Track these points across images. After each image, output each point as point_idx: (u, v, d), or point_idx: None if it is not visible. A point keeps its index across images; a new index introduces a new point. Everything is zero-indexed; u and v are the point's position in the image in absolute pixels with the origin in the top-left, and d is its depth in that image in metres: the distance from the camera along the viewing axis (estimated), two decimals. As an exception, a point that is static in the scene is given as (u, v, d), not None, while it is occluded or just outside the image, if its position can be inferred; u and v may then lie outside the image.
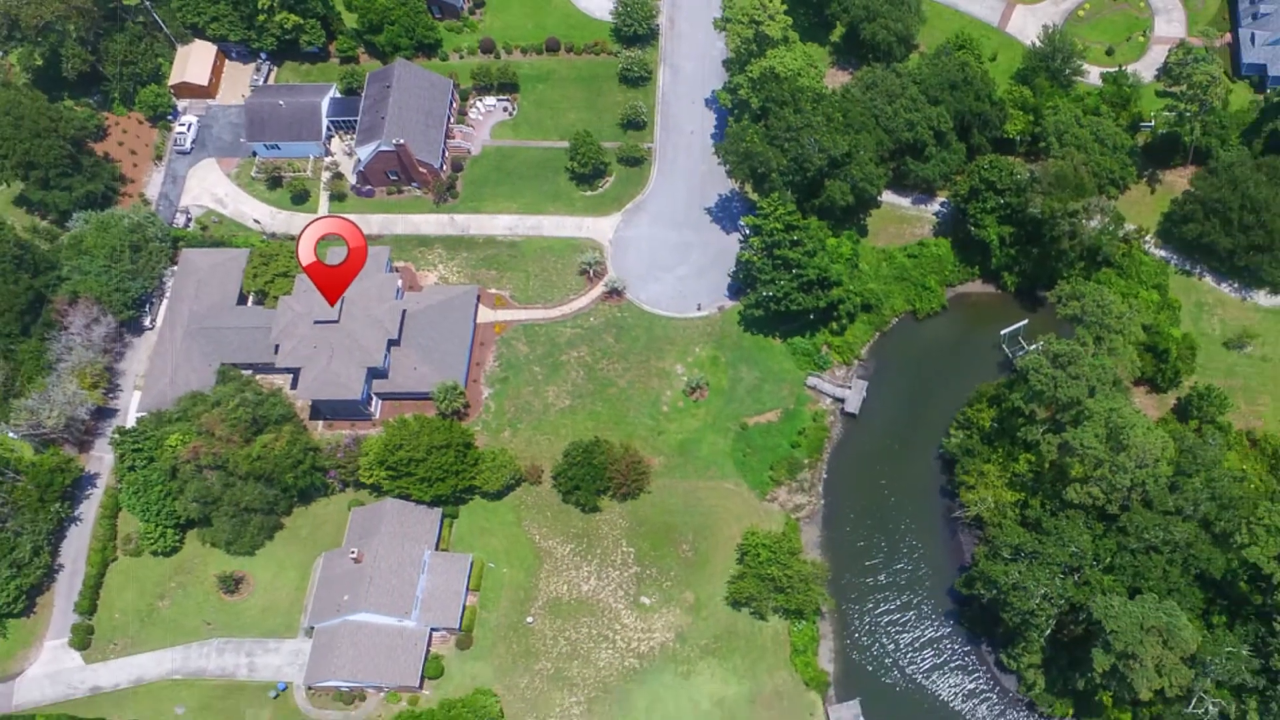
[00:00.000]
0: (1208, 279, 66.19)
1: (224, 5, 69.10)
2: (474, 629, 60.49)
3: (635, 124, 66.28)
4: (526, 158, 67.84)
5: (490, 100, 68.88)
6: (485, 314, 64.79)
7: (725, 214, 66.40)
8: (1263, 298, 65.49)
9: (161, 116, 73.08)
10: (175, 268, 68.53)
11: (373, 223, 67.48)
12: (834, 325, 63.72)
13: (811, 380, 64.52)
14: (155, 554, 62.86)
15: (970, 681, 61.37)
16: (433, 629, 59.91)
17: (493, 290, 65.65)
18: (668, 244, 66.03)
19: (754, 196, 62.35)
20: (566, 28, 69.52)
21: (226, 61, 75.59)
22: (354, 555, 59.17)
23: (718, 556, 61.13)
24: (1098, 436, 50.84)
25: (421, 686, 59.02)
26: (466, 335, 64.01)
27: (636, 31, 66.95)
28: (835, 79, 67.26)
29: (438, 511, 62.03)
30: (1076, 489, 52.78)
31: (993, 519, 57.64)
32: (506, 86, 68.05)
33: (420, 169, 65.93)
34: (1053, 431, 54.52)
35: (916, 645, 62.50)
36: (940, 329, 68.14)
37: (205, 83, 73.53)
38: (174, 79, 73.48)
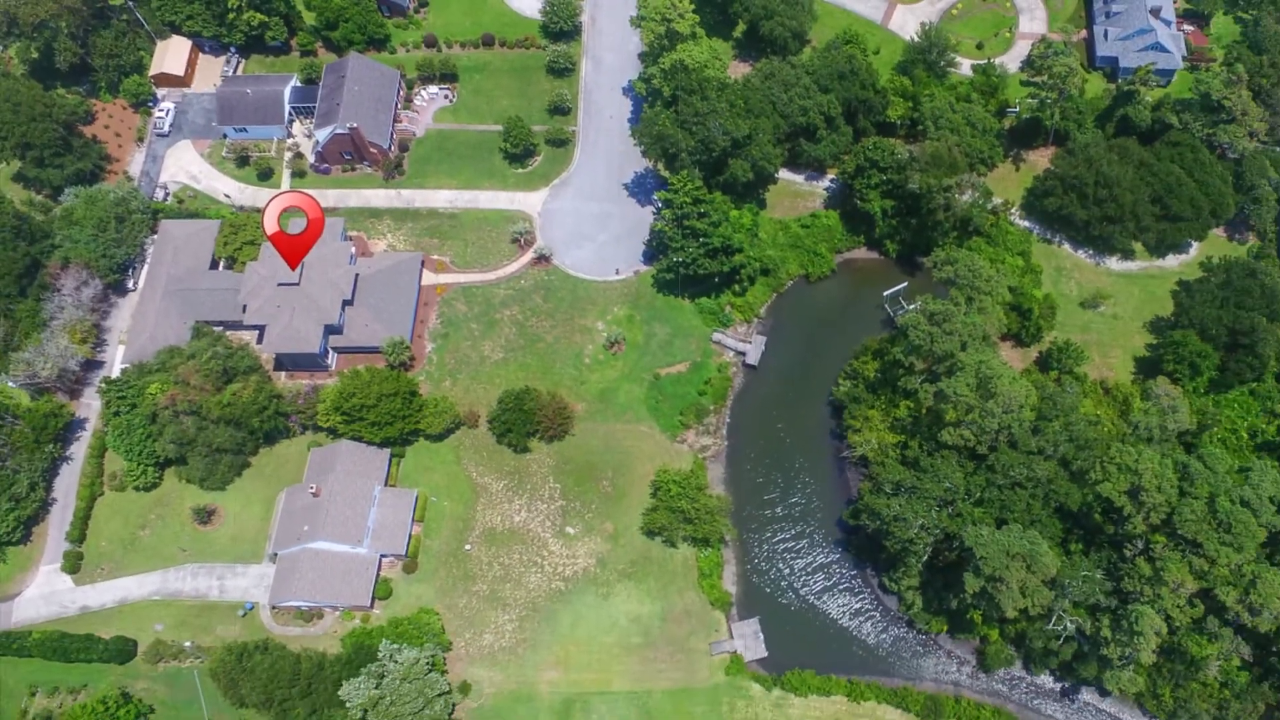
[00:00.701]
0: (1066, 246, 75.43)
1: (198, 4, 77.58)
2: (418, 555, 68.87)
3: (561, 110, 75.08)
4: (465, 139, 76.61)
5: (433, 89, 77.59)
6: (428, 277, 73.39)
7: (641, 189, 75.28)
8: (1114, 263, 74.63)
9: (143, 103, 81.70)
10: (155, 236, 77.28)
11: (329, 197, 76.48)
12: (736, 287, 72.53)
13: (716, 336, 73.11)
14: (137, 489, 71.31)
15: (856, 602, 70.15)
16: (382, 555, 68.34)
17: (435, 256, 74.18)
18: (590, 215, 74.78)
19: (666, 174, 71.09)
20: (500, 24, 78.43)
21: (200, 54, 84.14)
22: (313, 490, 67.46)
23: (634, 491, 69.81)
24: (969, 385, 59.39)
25: (372, 606, 67.59)
26: (412, 296, 72.46)
27: (562, 28, 75.88)
28: (737, 70, 76.29)
29: (386, 452, 70.40)
30: (950, 432, 61.39)
31: (876, 458, 66.25)
32: (447, 76, 76.80)
33: (371, 149, 74.40)
34: (929, 381, 63.19)
35: (809, 570, 70.88)
36: (830, 291, 77.08)
37: (181, 73, 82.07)
38: (154, 70, 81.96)
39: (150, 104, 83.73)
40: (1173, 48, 79.24)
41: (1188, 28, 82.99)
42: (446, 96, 78.77)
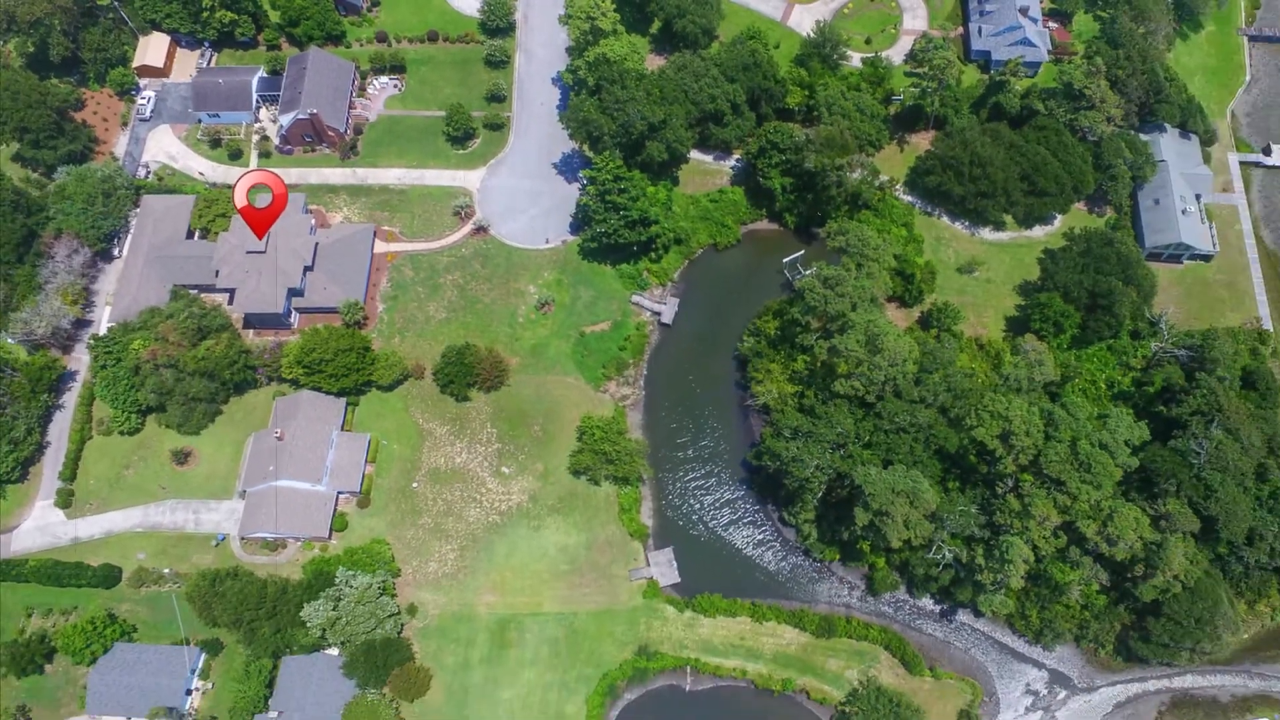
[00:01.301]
0: (944, 219, 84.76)
1: (175, 4, 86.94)
2: (371, 492, 77.43)
3: (497, 97, 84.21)
4: (412, 124, 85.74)
5: (384, 79, 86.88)
6: (380, 246, 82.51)
7: (568, 168, 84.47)
8: (987, 233, 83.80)
9: (127, 91, 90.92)
10: (138, 210, 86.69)
11: (292, 175, 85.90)
12: (652, 255, 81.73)
13: (635, 298, 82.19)
14: (122, 433, 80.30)
15: (759, 533, 78.96)
16: (339, 492, 77.03)
17: (386, 227, 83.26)
18: (523, 191, 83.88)
19: (590, 154, 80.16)
20: (443, 22, 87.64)
21: (178, 48, 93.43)
22: (278, 435, 76.04)
23: (562, 436, 78.62)
24: (859, 341, 68.03)
25: (330, 537, 76.36)
26: (365, 263, 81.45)
27: (498, 25, 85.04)
28: (653, 62, 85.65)
29: (342, 400, 79.12)
30: (842, 383, 70.04)
31: (776, 406, 75.12)
32: (396, 68, 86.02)
33: (329, 132, 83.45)
34: (823, 338, 72.03)
35: (718, 505, 79.78)
36: (736, 258, 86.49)
37: (161, 65, 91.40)
38: (137, 62, 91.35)
39: (134, 92, 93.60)
40: (1039, 43, 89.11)
41: (1052, 25, 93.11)
42: (396, 86, 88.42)
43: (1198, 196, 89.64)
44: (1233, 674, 78.37)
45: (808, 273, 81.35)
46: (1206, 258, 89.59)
